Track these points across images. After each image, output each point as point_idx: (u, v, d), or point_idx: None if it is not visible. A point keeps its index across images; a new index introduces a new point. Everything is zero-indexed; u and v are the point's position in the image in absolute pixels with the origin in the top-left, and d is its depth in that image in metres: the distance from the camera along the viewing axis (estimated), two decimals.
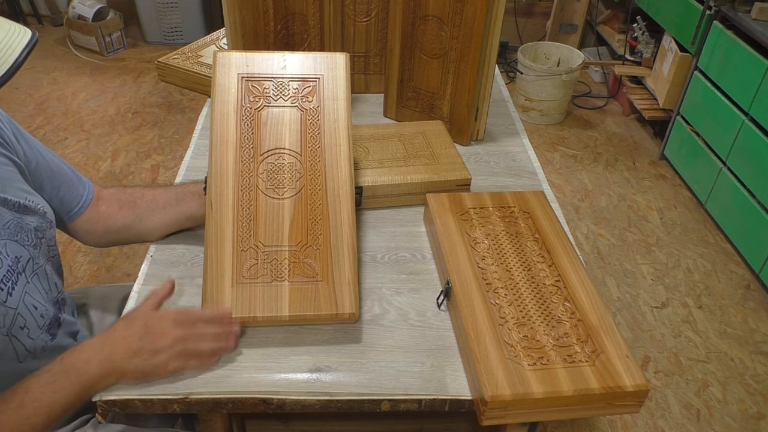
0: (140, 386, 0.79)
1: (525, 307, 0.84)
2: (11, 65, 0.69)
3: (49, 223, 0.93)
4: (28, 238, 0.87)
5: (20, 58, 0.70)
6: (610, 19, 3.47)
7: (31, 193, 0.90)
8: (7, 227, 0.83)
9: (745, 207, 2.17)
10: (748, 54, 2.15)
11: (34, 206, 0.89)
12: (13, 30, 0.71)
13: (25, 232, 0.87)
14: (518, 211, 1.02)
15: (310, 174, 0.93)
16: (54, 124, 2.95)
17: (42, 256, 0.90)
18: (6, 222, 0.83)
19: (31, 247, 0.87)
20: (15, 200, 0.86)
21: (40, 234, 0.90)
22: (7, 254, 0.82)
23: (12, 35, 0.70)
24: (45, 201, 0.93)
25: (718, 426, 1.69)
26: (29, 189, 0.90)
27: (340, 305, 0.85)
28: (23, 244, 0.86)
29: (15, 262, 0.84)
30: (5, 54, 0.69)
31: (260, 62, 0.98)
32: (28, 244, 0.87)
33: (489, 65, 1.23)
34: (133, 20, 3.83)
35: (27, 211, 0.88)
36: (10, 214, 0.84)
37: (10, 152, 0.89)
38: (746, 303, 2.09)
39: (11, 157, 0.89)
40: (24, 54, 0.70)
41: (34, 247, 0.88)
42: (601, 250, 2.30)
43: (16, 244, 0.84)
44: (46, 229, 0.92)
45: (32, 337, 0.85)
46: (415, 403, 0.80)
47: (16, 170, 0.89)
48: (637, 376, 0.76)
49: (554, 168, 2.77)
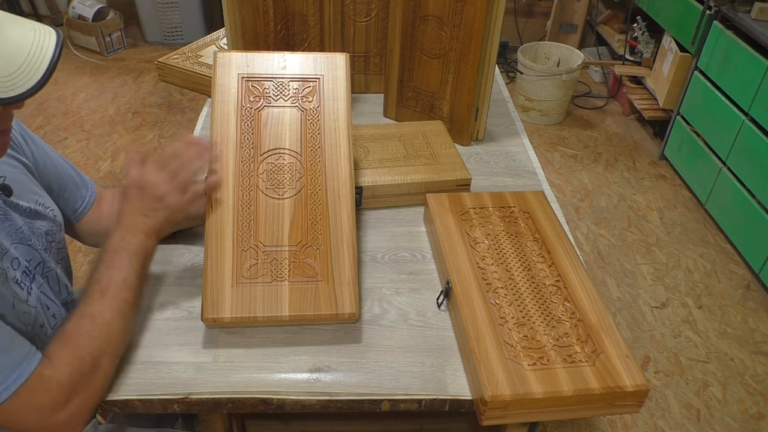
0: (140, 386, 0.79)
1: (525, 307, 0.84)
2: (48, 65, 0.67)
3: (59, 227, 0.94)
4: (40, 242, 0.88)
5: (54, 58, 0.67)
6: (610, 19, 3.47)
7: (41, 196, 0.91)
8: (20, 232, 0.84)
9: (745, 207, 2.17)
10: (748, 54, 2.15)
11: (44, 210, 0.90)
12: (39, 30, 0.68)
13: (37, 236, 0.88)
14: (518, 211, 1.02)
15: (310, 174, 0.93)
16: (54, 124, 2.95)
17: (52, 259, 0.91)
18: (19, 227, 0.84)
19: (42, 250, 0.88)
20: (27, 206, 0.87)
21: (50, 237, 0.91)
22: (21, 257, 0.83)
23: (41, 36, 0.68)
24: (54, 203, 0.94)
25: (718, 426, 1.69)
26: (39, 191, 0.91)
27: (340, 305, 0.85)
28: (35, 248, 0.87)
29: (28, 264, 0.85)
30: (40, 54, 0.67)
31: (260, 62, 0.98)
32: (39, 248, 0.88)
33: (489, 65, 1.23)
34: (133, 20, 3.83)
35: (38, 216, 0.89)
36: (22, 219, 0.85)
37: (19, 154, 0.90)
38: (746, 303, 2.09)
39: (20, 159, 0.90)
40: (58, 53, 0.68)
41: (45, 251, 0.89)
42: (601, 250, 2.30)
43: (28, 248, 0.85)
44: (56, 232, 0.93)
45: (48, 336, 0.86)
46: (415, 403, 0.80)
47: (26, 172, 0.90)
48: (637, 376, 0.76)
49: (554, 168, 2.77)
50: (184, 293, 0.93)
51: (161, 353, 0.83)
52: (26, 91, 0.64)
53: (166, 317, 0.89)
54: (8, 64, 0.64)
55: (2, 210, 0.83)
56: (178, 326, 0.88)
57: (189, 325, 0.88)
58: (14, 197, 0.85)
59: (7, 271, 0.79)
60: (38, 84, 0.65)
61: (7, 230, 0.82)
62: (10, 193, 0.84)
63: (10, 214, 0.84)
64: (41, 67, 0.66)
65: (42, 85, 0.66)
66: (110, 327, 0.78)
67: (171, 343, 0.85)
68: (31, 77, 0.65)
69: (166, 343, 0.85)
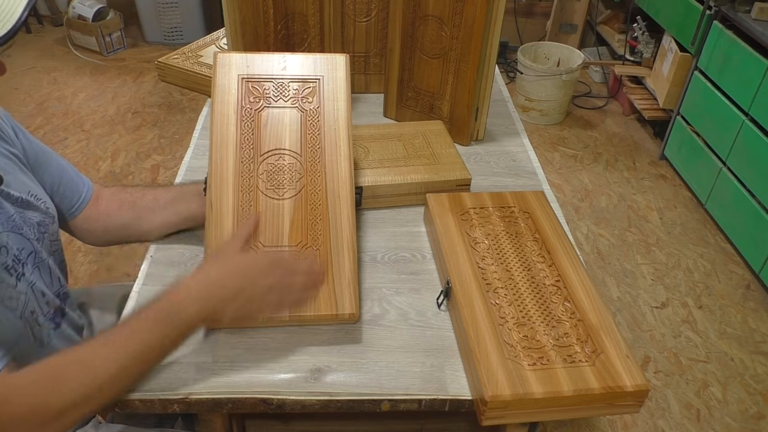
0: (140, 386, 0.79)
1: (525, 307, 0.85)
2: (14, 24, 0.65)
3: (52, 219, 0.93)
4: (32, 231, 0.88)
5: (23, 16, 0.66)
6: (610, 19, 3.47)
7: (33, 188, 0.90)
8: (11, 220, 0.84)
9: (745, 207, 2.17)
10: (748, 54, 2.15)
11: (36, 202, 0.90)
12: None
13: (29, 226, 0.87)
14: (518, 211, 1.02)
15: (310, 174, 0.93)
16: (54, 124, 2.95)
17: (44, 250, 0.91)
18: (10, 215, 0.84)
19: (34, 240, 0.88)
20: (17, 195, 0.86)
21: (43, 229, 0.91)
22: (12, 245, 0.83)
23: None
24: (47, 197, 0.93)
25: (718, 426, 1.69)
26: (32, 183, 0.91)
27: (340, 306, 0.85)
28: (27, 237, 0.86)
29: (19, 253, 0.84)
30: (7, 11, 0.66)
31: (260, 63, 0.98)
32: (31, 237, 0.87)
33: (489, 65, 1.23)
34: (133, 20, 3.83)
35: (29, 207, 0.88)
36: (12, 208, 0.85)
37: (10, 145, 0.89)
38: (746, 303, 2.09)
39: (12, 150, 0.89)
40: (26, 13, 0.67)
41: (38, 241, 0.89)
42: (601, 250, 2.30)
43: (20, 237, 0.85)
44: (49, 224, 0.92)
45: (40, 323, 0.86)
46: (415, 403, 0.80)
47: (17, 163, 0.89)
48: (637, 376, 0.76)
49: (554, 168, 2.77)
50: None
51: None
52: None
53: None
54: None
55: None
56: None
57: None
58: (5, 186, 0.84)
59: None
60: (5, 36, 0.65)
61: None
62: (0, 182, 0.84)
63: (2, 203, 0.83)
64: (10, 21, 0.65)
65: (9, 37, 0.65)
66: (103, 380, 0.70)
67: None
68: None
69: None
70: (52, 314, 0.90)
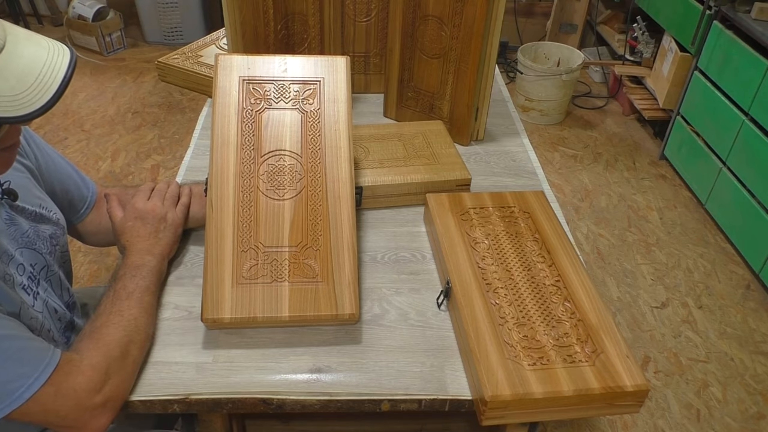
0: (140, 387, 0.79)
1: (525, 307, 0.85)
2: (59, 85, 0.66)
3: (62, 230, 0.94)
4: (44, 245, 0.89)
5: (66, 78, 0.66)
6: (610, 19, 3.47)
7: (44, 200, 0.92)
8: (25, 236, 0.85)
9: (745, 207, 2.17)
10: (748, 54, 2.15)
11: (48, 214, 0.91)
12: (53, 49, 0.68)
13: (42, 240, 0.88)
14: (518, 211, 1.03)
15: (311, 175, 0.93)
16: (54, 124, 2.95)
17: (56, 263, 0.92)
18: (24, 231, 0.85)
19: (47, 254, 0.89)
20: (32, 209, 0.87)
21: (55, 241, 0.92)
22: (27, 262, 0.84)
23: (54, 55, 0.67)
24: (57, 207, 0.94)
25: (718, 426, 1.69)
26: (42, 195, 0.92)
27: (340, 306, 0.85)
28: (40, 252, 0.88)
29: (33, 269, 0.85)
30: (52, 74, 0.66)
31: (261, 65, 0.99)
32: (44, 251, 0.88)
33: (489, 65, 1.23)
34: (133, 20, 3.83)
35: (42, 220, 0.89)
36: (27, 223, 0.86)
37: (23, 157, 0.90)
38: (746, 303, 2.09)
39: (25, 163, 0.90)
40: (69, 73, 0.67)
41: (50, 254, 0.90)
42: (601, 250, 2.30)
43: (33, 252, 0.86)
44: (60, 236, 0.93)
45: (55, 339, 0.86)
46: (415, 403, 0.80)
47: (30, 176, 0.90)
48: (637, 376, 0.76)
49: (554, 168, 2.77)
50: (184, 293, 0.93)
51: (161, 353, 0.84)
52: (35, 110, 0.64)
53: (166, 317, 0.89)
54: (19, 83, 0.63)
55: (9, 215, 0.83)
56: (178, 326, 0.88)
57: (189, 326, 0.88)
58: (20, 201, 0.85)
59: (14, 277, 0.79)
60: (48, 104, 0.65)
61: (13, 235, 0.83)
62: (15, 198, 0.85)
63: (17, 219, 0.84)
64: (52, 87, 0.65)
65: (51, 105, 0.65)
66: (138, 321, 0.82)
67: (171, 343, 0.85)
68: (41, 97, 0.64)
69: (166, 344, 0.85)
70: (64, 328, 0.91)
